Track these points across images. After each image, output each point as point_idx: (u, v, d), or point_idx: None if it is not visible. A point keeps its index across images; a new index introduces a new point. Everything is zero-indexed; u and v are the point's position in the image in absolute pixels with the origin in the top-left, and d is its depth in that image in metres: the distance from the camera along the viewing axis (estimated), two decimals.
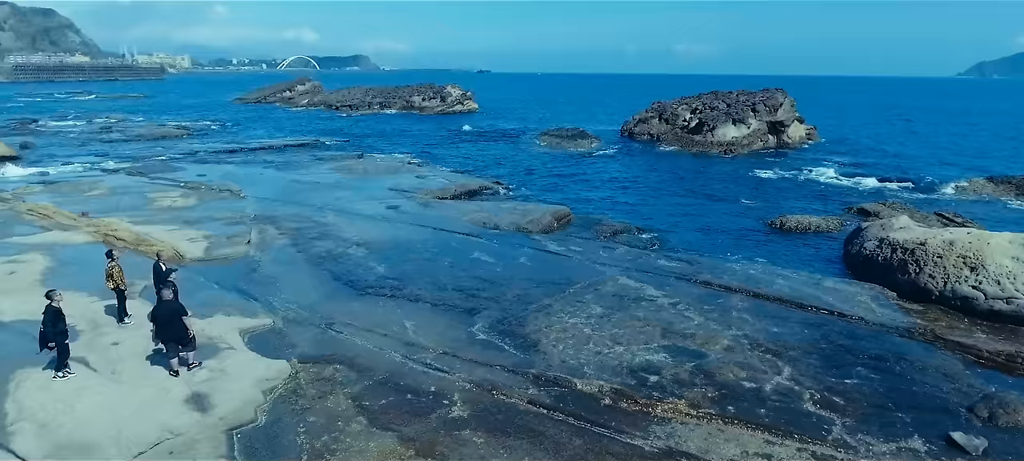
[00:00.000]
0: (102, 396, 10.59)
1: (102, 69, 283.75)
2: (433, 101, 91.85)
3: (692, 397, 11.02)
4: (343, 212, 24.54)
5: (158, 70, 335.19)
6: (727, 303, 15.35)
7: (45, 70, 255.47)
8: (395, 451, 9.40)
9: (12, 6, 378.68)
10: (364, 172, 34.20)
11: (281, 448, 9.49)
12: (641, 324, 13.99)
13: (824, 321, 14.42)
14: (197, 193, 27.89)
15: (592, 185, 34.01)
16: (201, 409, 10.30)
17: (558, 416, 10.46)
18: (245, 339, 13.11)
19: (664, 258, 19.03)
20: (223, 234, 21.02)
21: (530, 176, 36.43)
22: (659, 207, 28.74)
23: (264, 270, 17.72)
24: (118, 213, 23.55)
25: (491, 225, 22.55)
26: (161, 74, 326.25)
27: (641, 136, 54.88)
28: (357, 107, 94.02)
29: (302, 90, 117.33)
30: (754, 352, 12.73)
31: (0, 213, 23.95)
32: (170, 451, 9.30)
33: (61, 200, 26.02)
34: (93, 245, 19.55)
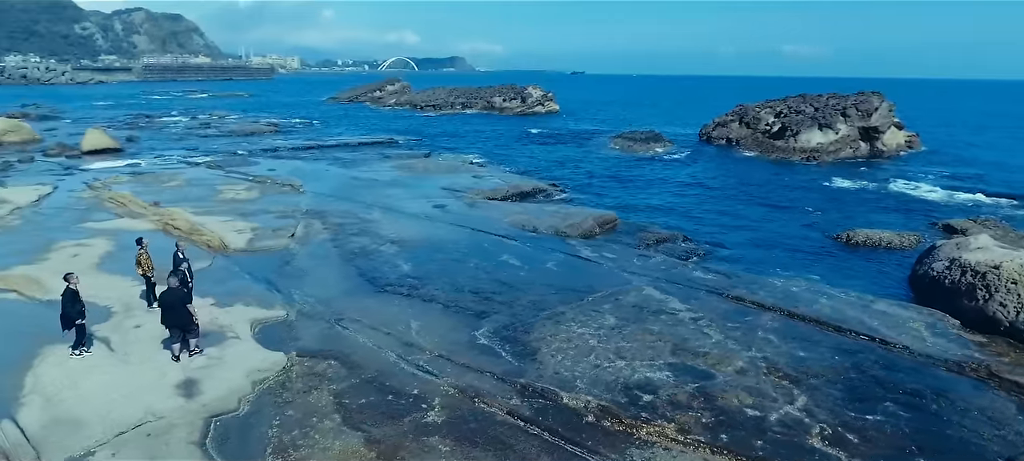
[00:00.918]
0: (107, 376, 11.21)
1: (219, 69, 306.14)
2: (513, 102, 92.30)
3: (684, 421, 10.25)
4: (389, 209, 24.97)
5: (268, 70, 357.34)
6: (755, 321, 14.25)
7: (170, 70, 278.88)
8: (357, 452, 9.32)
9: (147, 12, 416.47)
10: (424, 171, 34.74)
11: (251, 439, 9.65)
12: (652, 338, 13.24)
13: (861, 348, 13.07)
14: (261, 187, 29.31)
15: (651, 190, 32.85)
16: (188, 395, 10.68)
17: (533, 430, 10.03)
18: (255, 329, 13.51)
19: (701, 270, 17.98)
20: (271, 226, 21.90)
21: (591, 179, 35.69)
22: (715, 215, 27.31)
23: (297, 263, 18.28)
24: (185, 203, 25.12)
25: (529, 228, 22.20)
26: (271, 74, 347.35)
27: (718, 140, 52.59)
28: (440, 107, 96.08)
29: (391, 90, 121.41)
30: (769, 377, 11.71)
31: (87, 200, 26.22)
32: (149, 433, 9.67)
33: (141, 190, 28.11)
34: (152, 232, 20.91)
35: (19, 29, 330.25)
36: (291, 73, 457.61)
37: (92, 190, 28.11)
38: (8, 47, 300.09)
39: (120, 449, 9.27)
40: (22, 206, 24.65)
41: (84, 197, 26.79)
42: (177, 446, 9.36)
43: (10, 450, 9.21)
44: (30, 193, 26.87)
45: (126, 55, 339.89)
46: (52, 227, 21.70)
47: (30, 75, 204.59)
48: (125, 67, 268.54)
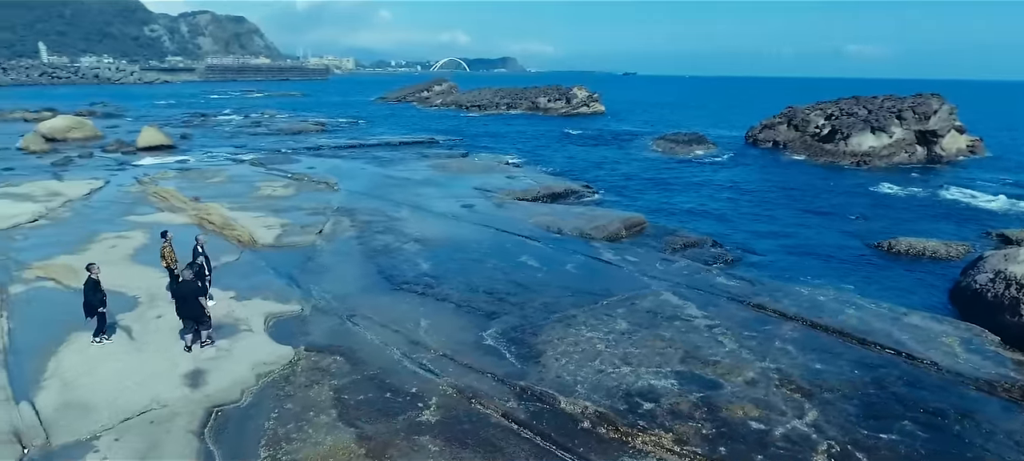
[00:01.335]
0: (121, 363, 11.64)
1: (276, 70, 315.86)
2: (558, 102, 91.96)
3: (682, 431, 9.94)
4: (418, 208, 25.19)
5: (323, 71, 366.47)
6: (775, 331, 13.72)
7: (230, 71, 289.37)
8: (347, 448, 9.39)
9: (212, 14, 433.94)
10: (459, 170, 34.92)
11: (248, 430, 9.85)
12: (663, 345, 12.90)
13: (885, 362, 12.41)
14: (298, 184, 30.02)
15: (687, 193, 32.13)
16: (194, 385, 10.98)
17: (526, 434, 9.90)
18: (269, 323, 13.79)
19: (724, 276, 17.44)
20: (301, 223, 22.39)
21: (626, 181, 35.18)
22: (749, 220, 26.49)
23: (320, 259, 18.61)
24: (223, 199, 25.95)
25: (554, 229, 22.01)
26: (325, 75, 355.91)
27: (764, 143, 51.08)
28: (485, 108, 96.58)
29: (438, 90, 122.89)
30: (781, 389, 11.24)
31: (134, 194, 27.40)
32: (152, 420, 9.99)
33: (185, 185, 29.20)
34: (188, 226, 21.67)
35: (94, 31, 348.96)
36: (345, 74, 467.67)
37: (140, 185, 29.36)
38: (84, 48, 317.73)
39: (123, 435, 9.60)
40: (74, 199, 25.95)
41: (132, 191, 28.00)
42: (177, 434, 9.63)
43: (24, 431, 9.65)
44: (83, 187, 28.27)
45: (191, 56, 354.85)
46: (97, 219, 22.75)
47: (102, 75, 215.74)
48: (189, 67, 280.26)
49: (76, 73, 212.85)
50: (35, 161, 37.49)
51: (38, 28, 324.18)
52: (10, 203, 24.42)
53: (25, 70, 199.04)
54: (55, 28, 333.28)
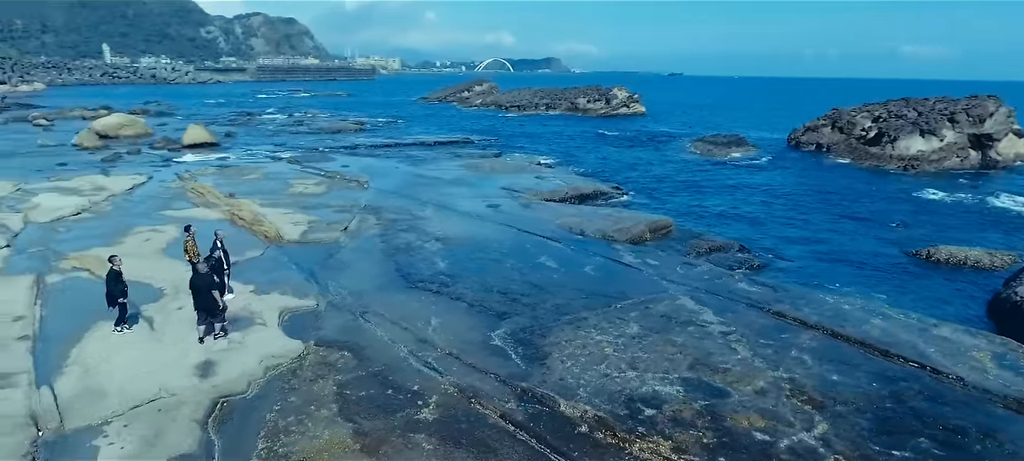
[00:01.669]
0: (138, 352, 12.05)
1: (324, 70, 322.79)
2: (597, 103, 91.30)
3: (682, 439, 9.70)
4: (443, 207, 25.34)
5: (370, 71, 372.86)
6: (792, 339, 13.28)
7: (280, 71, 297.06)
8: (342, 443, 9.49)
9: (264, 16, 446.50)
10: (490, 170, 35.00)
11: (250, 421, 10.06)
12: (673, 351, 12.64)
13: (908, 375, 11.86)
14: (330, 182, 30.58)
15: (720, 196, 31.44)
16: (203, 375, 11.28)
17: (521, 436, 9.83)
18: (283, 318, 14.06)
19: (747, 282, 16.98)
20: (328, 220, 22.79)
21: (658, 183, 34.66)
22: (781, 225, 25.74)
23: (342, 256, 18.89)
24: (257, 195, 26.63)
25: (577, 230, 21.83)
26: (372, 75, 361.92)
27: (807, 146, 49.61)
28: (524, 108, 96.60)
29: (479, 91, 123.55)
30: (791, 399, 10.87)
31: (173, 190, 28.37)
32: (160, 408, 10.30)
33: (222, 182, 30.09)
34: (220, 222, 22.32)
35: (154, 33, 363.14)
36: (392, 74, 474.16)
37: (181, 181, 30.38)
38: (144, 49, 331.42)
39: (132, 421, 9.93)
40: (116, 194, 27.03)
41: (172, 187, 29.01)
42: (181, 422, 9.90)
43: (40, 414, 10.08)
44: (126, 182, 29.41)
45: (244, 57, 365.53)
46: (136, 213, 23.64)
47: (158, 75, 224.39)
48: (240, 68, 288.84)
49: (135, 73, 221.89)
50: (87, 157, 39.23)
51: (102, 30, 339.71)
52: (57, 196, 25.60)
53: (88, 70, 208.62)
54: (118, 30, 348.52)
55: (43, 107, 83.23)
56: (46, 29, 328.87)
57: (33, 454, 9.11)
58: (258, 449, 9.32)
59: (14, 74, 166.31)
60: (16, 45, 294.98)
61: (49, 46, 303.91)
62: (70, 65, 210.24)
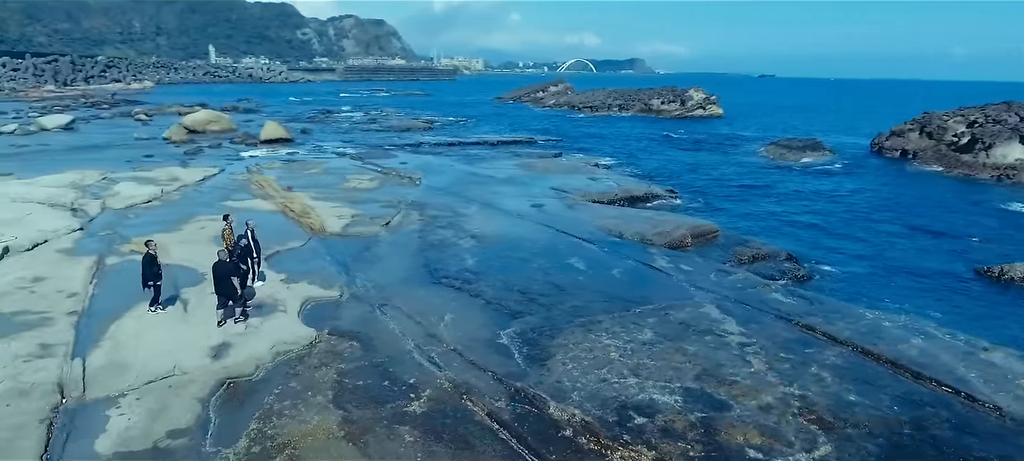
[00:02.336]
0: (165, 332, 12.85)
1: (408, 70, 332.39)
2: (672, 105, 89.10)
3: (666, 450, 9.36)
4: (488, 206, 25.52)
5: (451, 71, 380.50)
6: (816, 355, 12.51)
7: (366, 71, 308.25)
8: (328, 429, 9.77)
9: (355, 18, 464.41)
10: (544, 170, 34.92)
11: (249, 403, 10.53)
12: (682, 359, 12.20)
13: (937, 400, 10.92)
14: (384, 178, 31.45)
15: (781, 202, 29.97)
16: (216, 357, 11.89)
17: (503, 434, 9.78)
18: (305, 307, 14.60)
19: (783, 292, 16.12)
20: (373, 214, 23.45)
21: (718, 187, 33.46)
22: (840, 235, 24.23)
23: (377, 250, 19.41)
24: (312, 189, 27.77)
25: (615, 233, 21.43)
26: (453, 75, 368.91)
27: (891, 152, 46.46)
28: (596, 109, 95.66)
29: (553, 91, 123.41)
30: (797, 417, 10.25)
31: (239, 182, 30.03)
32: (171, 385, 10.96)
33: (284, 175, 31.57)
34: (271, 213, 23.46)
35: (254, 35, 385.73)
36: (474, 74, 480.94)
37: (248, 174, 32.12)
38: (245, 50, 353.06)
39: (144, 395, 10.62)
40: (188, 184, 28.92)
41: (239, 179, 30.73)
42: (186, 399, 10.50)
43: (67, 383, 10.95)
44: (199, 173, 31.42)
45: (336, 57, 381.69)
46: (199, 203, 25.20)
47: (255, 74, 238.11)
48: (330, 68, 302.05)
49: (234, 72, 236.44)
50: (173, 150, 42.18)
51: (209, 32, 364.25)
52: (135, 185, 27.67)
53: (192, 69, 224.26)
54: (223, 32, 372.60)
55: (147, 103, 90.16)
56: (160, 31, 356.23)
57: (52, 419, 9.91)
58: (249, 429, 9.74)
59: (128, 73, 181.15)
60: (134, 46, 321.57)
61: (162, 47, 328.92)
62: (176, 65, 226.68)
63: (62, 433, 9.62)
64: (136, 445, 9.30)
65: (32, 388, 10.67)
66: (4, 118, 63.55)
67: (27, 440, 9.25)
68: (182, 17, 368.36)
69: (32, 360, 11.66)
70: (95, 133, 52.78)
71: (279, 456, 9.11)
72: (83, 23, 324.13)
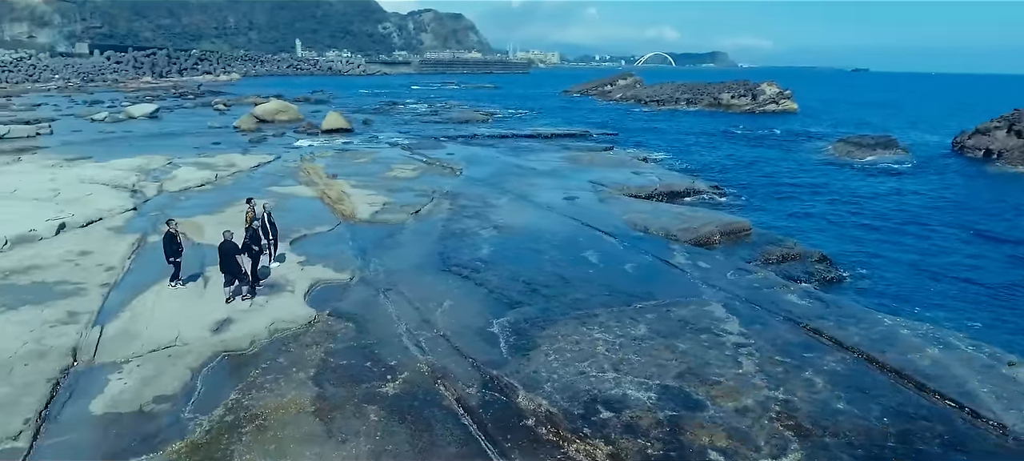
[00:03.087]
0: (178, 305, 13.71)
1: (482, 63, 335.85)
2: (742, 99, 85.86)
3: (624, 446, 9.21)
4: (520, 197, 25.58)
5: (525, 65, 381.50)
6: (815, 359, 11.91)
7: (441, 64, 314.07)
8: (299, 404, 10.18)
9: (434, 12, 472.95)
10: (589, 163, 34.58)
11: (235, 375, 11.11)
12: (670, 357, 11.91)
13: (935, 414, 10.19)
14: (427, 168, 32.07)
15: (832, 202, 28.44)
16: (215, 331, 12.59)
17: (465, 420, 9.89)
18: (314, 289, 15.16)
19: (800, 294, 15.38)
20: (405, 203, 24.01)
21: (769, 184, 32.12)
22: (890, 237, 22.76)
23: (399, 237, 19.87)
24: (355, 177, 28.69)
25: (640, 227, 21.03)
26: (527, 68, 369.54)
27: (973, 151, 43.09)
28: (663, 102, 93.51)
29: (622, 85, 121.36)
30: (773, 422, 9.84)
31: (290, 169, 31.40)
32: (170, 354, 11.71)
33: (334, 163, 32.75)
34: (310, 199, 24.45)
35: (338, 29, 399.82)
36: (549, 68, 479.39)
37: (301, 162, 33.51)
38: (330, 44, 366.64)
39: (144, 363, 11.40)
40: (243, 170, 30.51)
41: (290, 167, 32.12)
42: (179, 368, 11.19)
43: (81, 348, 11.89)
44: (255, 160, 33.07)
45: (415, 51, 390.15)
46: (248, 187, 26.47)
47: (334, 67, 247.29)
48: (406, 61, 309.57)
49: (315, 65, 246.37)
50: (239, 138, 44.54)
51: (296, 27, 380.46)
52: (193, 170, 29.46)
53: (276, 62, 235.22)
54: (309, 27, 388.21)
55: (229, 94, 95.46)
56: (252, 27, 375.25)
57: (60, 380, 10.81)
58: (228, 399, 10.29)
59: (218, 66, 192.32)
60: (228, 40, 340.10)
61: (254, 41, 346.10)
62: (262, 58, 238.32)
63: (65, 393, 10.49)
64: (124, 408, 10.02)
65: (50, 351, 11.66)
66: (100, 106, 69.03)
67: (31, 397, 10.13)
68: (272, 13, 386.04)
69: (57, 326, 12.72)
70: (175, 121, 56.46)
71: (248, 426, 9.59)
72: (183, 19, 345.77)
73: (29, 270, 15.92)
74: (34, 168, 28.48)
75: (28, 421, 9.49)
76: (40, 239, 18.16)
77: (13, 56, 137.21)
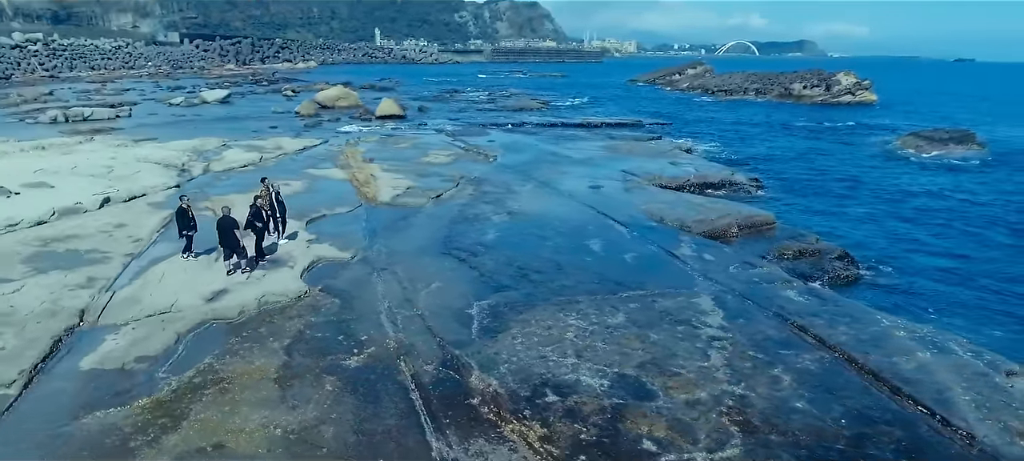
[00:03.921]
0: (183, 276, 14.67)
1: (554, 52, 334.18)
2: (815, 89, 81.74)
3: (558, 430, 9.26)
4: (544, 185, 25.59)
5: (598, 54, 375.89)
6: (789, 357, 11.47)
7: (513, 53, 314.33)
8: (263, 371, 10.75)
9: (510, 1, 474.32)
10: (627, 153, 34.05)
11: (215, 341, 11.83)
12: (637, 346, 11.77)
13: (902, 419, 9.64)
14: (463, 154, 32.51)
15: (878, 197, 26.91)
16: (209, 300, 13.41)
17: (413, 395, 10.19)
18: (313, 266, 15.79)
19: (798, 291, 14.73)
20: (429, 187, 24.50)
21: (815, 177, 30.69)
22: (929, 238, 21.32)
23: (412, 219, 20.34)
24: (389, 162, 29.48)
25: (656, 217, 20.65)
26: (600, 57, 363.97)
27: None
28: (731, 92, 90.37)
29: (691, 74, 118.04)
30: (721, 417, 9.61)
31: (332, 152, 32.59)
32: (163, 319, 12.60)
33: (373, 148, 33.75)
34: (342, 182, 25.36)
35: (416, 18, 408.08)
36: (624, 56, 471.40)
37: (347, 146, 34.70)
38: (407, 33, 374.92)
39: (139, 326, 12.32)
40: (288, 153, 31.94)
41: (333, 150, 33.33)
42: (167, 332, 12.03)
43: (89, 309, 12.98)
44: (301, 144, 34.51)
45: (490, 40, 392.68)
46: (288, 169, 27.77)
47: (408, 56, 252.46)
48: (478, 50, 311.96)
49: (389, 54, 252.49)
50: (296, 122, 46.51)
51: (376, 16, 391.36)
52: (241, 152, 31.09)
53: (352, 51, 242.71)
54: (388, 15, 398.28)
55: (301, 81, 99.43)
56: (334, 16, 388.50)
57: (62, 337, 11.87)
58: (202, 363, 10.99)
59: (297, 54, 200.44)
60: (311, 29, 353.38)
61: (335, 30, 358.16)
62: (339, 46, 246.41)
63: (65, 350, 11.52)
64: (109, 365, 10.91)
65: (61, 311, 12.79)
66: (180, 91, 73.62)
67: (33, 351, 11.18)
68: (353, 3, 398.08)
69: (75, 289, 13.90)
70: (243, 106, 59.52)
71: (212, 388, 10.24)
72: (271, 8, 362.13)
73: (67, 239, 17.40)
74: (101, 147, 30.87)
75: (23, 372, 10.50)
76: (84, 212, 19.76)
77: (112, 44, 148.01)
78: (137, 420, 9.35)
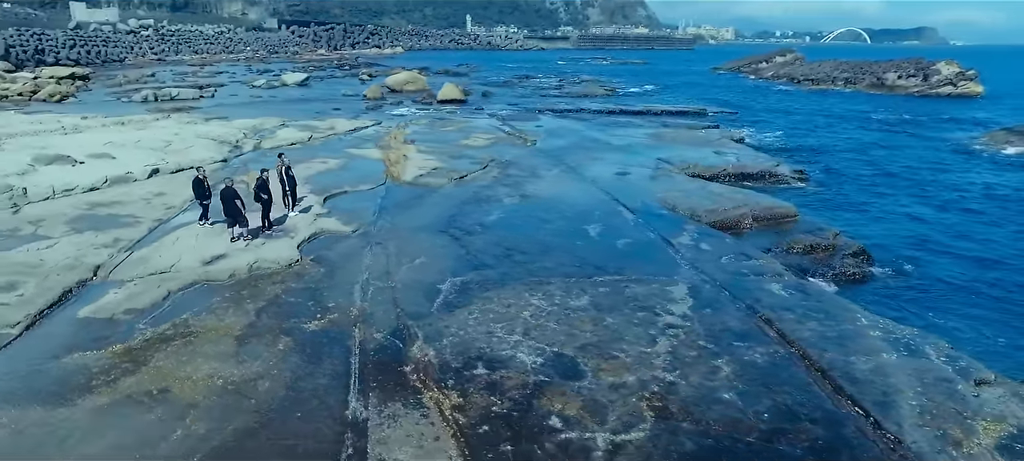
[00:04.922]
0: (192, 241, 15.95)
1: (643, 39, 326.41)
2: (911, 80, 75.80)
3: (472, 401, 9.57)
4: (571, 169, 25.57)
5: (689, 41, 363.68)
6: (740, 350, 11.16)
7: (599, 39, 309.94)
8: (228, 328, 11.68)
9: None
10: (671, 141, 33.22)
11: (199, 300, 12.90)
12: (590, 328, 11.83)
13: (830, 418, 9.24)
14: (504, 138, 32.88)
15: (929, 193, 24.93)
16: (207, 264, 14.56)
17: (353, 359, 10.77)
18: (314, 237, 16.72)
19: (783, 286, 14.11)
20: (454, 168, 25.08)
21: (869, 171, 28.78)
22: (971, 239, 19.62)
23: (427, 199, 20.99)
24: (430, 144, 30.31)
25: (668, 205, 20.25)
26: (692, 45, 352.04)
27: None
28: (818, 82, 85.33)
29: (779, 61, 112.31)
30: (639, 401, 9.59)
31: (379, 133, 33.84)
32: (161, 279, 13.85)
33: (419, 131, 34.74)
34: (376, 161, 26.41)
35: (507, 5, 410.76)
36: (720, 43, 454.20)
37: (398, 129, 35.90)
38: (498, 20, 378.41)
39: (139, 283, 13.61)
40: (338, 133, 33.47)
41: (382, 131, 34.60)
42: (161, 290, 13.21)
43: (103, 266, 14.44)
44: (354, 125, 36.03)
45: (581, 26, 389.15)
46: (331, 149, 29.18)
47: (494, 42, 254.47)
48: (564, 36, 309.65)
49: (475, 40, 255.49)
50: (359, 105, 48.42)
51: (469, 2, 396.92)
52: (294, 131, 32.88)
53: (439, 37, 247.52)
54: (481, 2, 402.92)
55: (383, 66, 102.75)
56: (429, 3, 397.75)
57: (72, 288, 13.32)
58: (180, 318, 12.07)
59: (386, 40, 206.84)
60: (405, 16, 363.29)
61: (429, 17, 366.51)
62: (427, 32, 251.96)
63: (72, 300, 12.94)
64: (101, 314, 12.19)
65: (79, 266, 14.32)
66: (267, 74, 78.15)
67: (43, 298, 12.65)
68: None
69: (99, 248, 15.48)
70: (317, 89, 62.52)
71: (178, 341, 11.25)
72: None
73: (111, 204, 19.28)
74: (172, 125, 33.56)
75: (28, 315, 11.94)
76: (133, 181, 21.75)
77: (215, 30, 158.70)
78: (105, 363, 10.47)
